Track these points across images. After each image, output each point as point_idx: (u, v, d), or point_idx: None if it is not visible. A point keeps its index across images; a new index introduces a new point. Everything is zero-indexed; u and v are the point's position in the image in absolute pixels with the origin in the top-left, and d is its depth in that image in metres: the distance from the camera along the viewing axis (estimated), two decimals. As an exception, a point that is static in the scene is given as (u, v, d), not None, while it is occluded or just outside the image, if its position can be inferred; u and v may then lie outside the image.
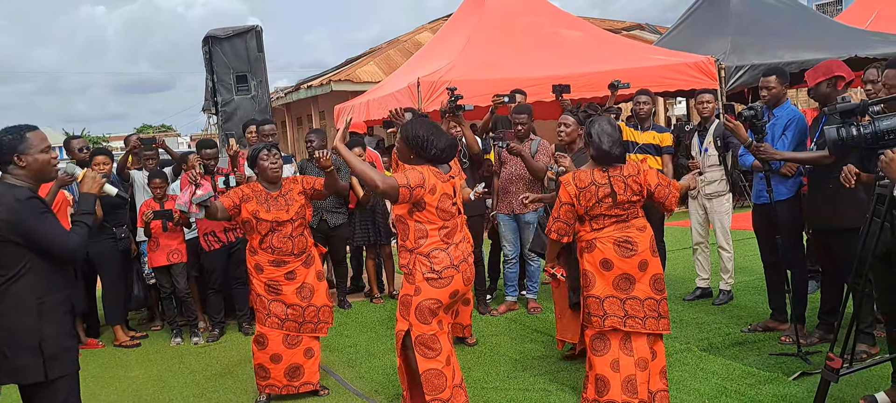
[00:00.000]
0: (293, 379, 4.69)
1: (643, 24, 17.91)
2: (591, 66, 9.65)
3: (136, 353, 6.19)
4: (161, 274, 6.32)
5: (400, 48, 18.01)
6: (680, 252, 8.18)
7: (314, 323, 4.67)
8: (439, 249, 3.79)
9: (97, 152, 6.34)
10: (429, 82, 9.73)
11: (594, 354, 4.02)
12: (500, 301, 6.69)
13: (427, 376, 3.84)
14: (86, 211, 3.21)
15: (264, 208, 4.52)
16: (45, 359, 3.01)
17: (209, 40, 7.45)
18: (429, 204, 3.74)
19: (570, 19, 11.64)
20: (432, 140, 3.80)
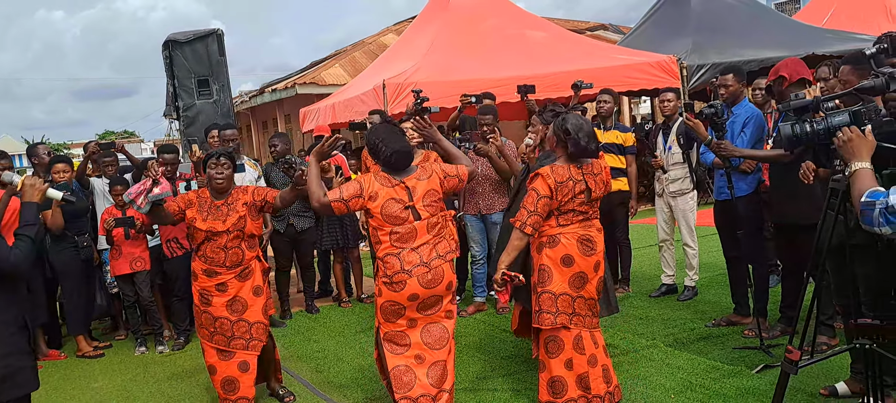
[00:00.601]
0: (229, 393, 4.49)
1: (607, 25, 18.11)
2: (556, 67, 9.74)
3: (100, 363, 6.08)
4: (124, 282, 6.21)
5: (365, 50, 17.97)
6: (646, 249, 8.29)
7: (245, 340, 4.47)
8: (391, 254, 3.83)
9: (56, 160, 6.22)
10: (394, 84, 9.73)
11: (548, 356, 4.00)
12: (468, 302, 6.70)
13: (395, 372, 3.87)
14: (28, 223, 3.00)
15: (202, 216, 4.42)
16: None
17: (169, 44, 7.33)
18: (372, 210, 3.82)
19: (535, 20, 11.74)
20: (380, 147, 3.89)
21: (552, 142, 4.08)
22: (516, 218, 3.90)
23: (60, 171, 6.02)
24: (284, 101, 17.45)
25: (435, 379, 3.94)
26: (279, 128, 18.37)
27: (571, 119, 3.98)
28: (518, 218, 3.88)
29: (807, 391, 4.06)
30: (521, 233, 3.89)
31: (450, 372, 4.01)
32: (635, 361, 4.83)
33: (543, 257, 3.97)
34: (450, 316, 4.01)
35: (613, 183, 6.25)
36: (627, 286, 6.57)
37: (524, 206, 3.89)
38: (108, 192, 6.30)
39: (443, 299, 3.95)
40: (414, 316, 3.90)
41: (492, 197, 6.19)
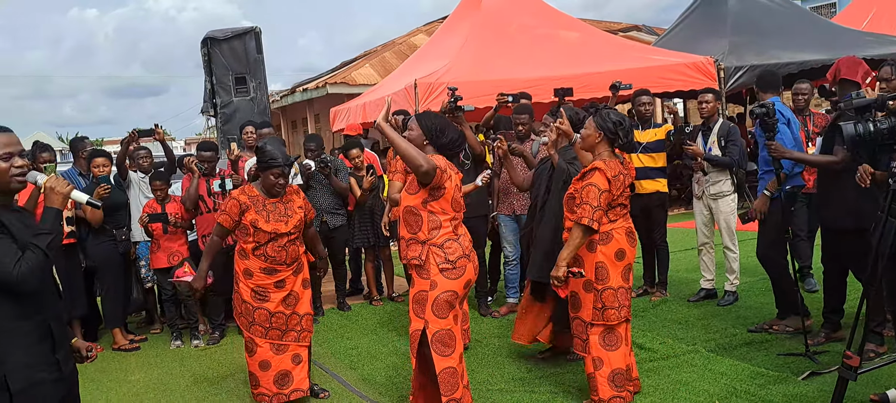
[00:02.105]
0: (283, 387, 4.55)
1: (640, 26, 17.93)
2: (590, 67, 9.65)
3: (136, 357, 6.11)
4: (162, 276, 6.26)
5: (395, 50, 17.99)
6: (682, 253, 8.16)
7: (297, 332, 4.57)
8: (451, 239, 3.77)
9: (96, 154, 6.27)
10: (426, 84, 9.71)
11: (608, 350, 4.01)
12: (500, 302, 6.64)
13: (443, 375, 3.78)
14: (43, 231, 2.70)
15: (263, 217, 4.42)
16: (12, 395, 2.61)
17: (208, 42, 7.38)
18: (447, 191, 3.74)
19: (568, 20, 11.64)
20: (445, 130, 3.85)
21: (595, 137, 4.02)
22: (579, 214, 3.83)
23: (100, 165, 6.07)
24: (315, 101, 17.53)
25: (466, 380, 3.94)
26: (309, 127, 18.46)
27: (612, 113, 4.07)
28: (582, 215, 3.82)
29: (856, 398, 3.93)
30: (585, 229, 3.84)
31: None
32: (677, 366, 4.73)
33: (598, 254, 3.96)
34: (462, 303, 4.06)
35: (652, 184, 6.26)
36: (665, 290, 6.46)
37: (587, 202, 3.82)
38: (146, 186, 6.34)
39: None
40: (457, 310, 3.85)
41: (526, 197, 6.12)
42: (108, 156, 6.26)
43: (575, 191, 4.02)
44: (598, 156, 4.02)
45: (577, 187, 4.01)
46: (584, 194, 3.85)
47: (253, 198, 4.48)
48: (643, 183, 6.18)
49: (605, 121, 4.01)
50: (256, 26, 7.58)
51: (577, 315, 4.10)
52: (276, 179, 4.46)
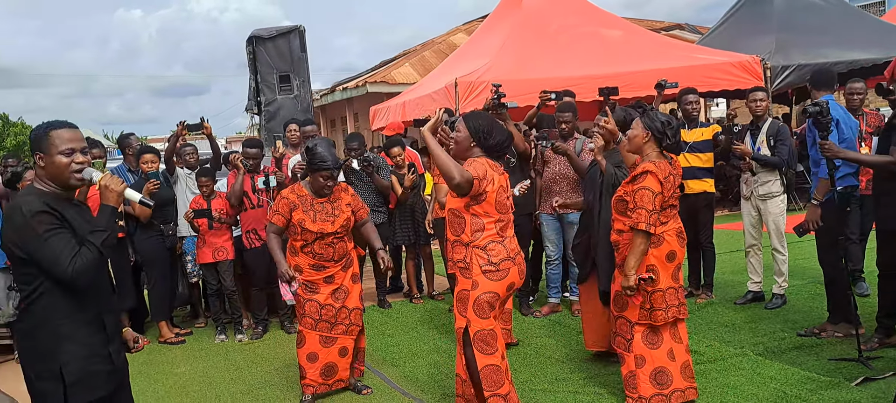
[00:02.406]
0: (328, 378, 4.69)
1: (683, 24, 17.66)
2: (633, 66, 9.53)
3: (181, 350, 6.21)
4: (208, 270, 6.36)
5: (435, 50, 18.01)
6: (728, 255, 8.00)
7: (346, 325, 4.66)
8: (495, 242, 3.76)
9: (144, 150, 6.39)
10: (466, 82, 9.69)
11: (650, 348, 3.99)
12: (542, 302, 6.60)
13: (486, 372, 3.78)
14: (99, 228, 2.74)
15: (310, 217, 4.50)
16: (66, 386, 2.69)
17: (253, 40, 7.48)
18: (489, 195, 3.72)
19: (611, 18, 11.52)
20: (493, 131, 3.81)
21: (643, 137, 3.97)
22: (635, 220, 3.80)
23: (148, 161, 6.18)
24: (354, 100, 17.64)
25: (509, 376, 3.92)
26: (348, 126, 18.59)
27: (660, 115, 4.02)
28: (639, 220, 3.79)
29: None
30: (645, 236, 3.81)
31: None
32: (724, 370, 4.65)
33: (650, 257, 3.93)
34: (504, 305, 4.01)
35: (698, 184, 6.16)
36: (711, 292, 6.35)
37: (642, 206, 3.80)
38: (193, 182, 6.43)
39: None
40: (497, 311, 3.84)
41: (569, 196, 6.06)
42: (156, 153, 6.37)
43: (625, 193, 3.97)
44: (645, 157, 3.98)
45: (627, 190, 3.96)
46: (638, 198, 3.81)
47: (301, 197, 4.55)
48: (690, 183, 6.08)
49: (653, 122, 3.97)
50: (301, 25, 7.66)
51: (623, 314, 4.07)
52: (325, 181, 4.52)
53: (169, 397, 5.04)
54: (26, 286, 2.69)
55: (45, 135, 2.73)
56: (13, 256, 2.67)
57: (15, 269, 2.72)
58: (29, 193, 2.72)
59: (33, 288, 2.67)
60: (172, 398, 5.02)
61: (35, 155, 2.75)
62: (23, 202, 2.64)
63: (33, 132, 2.77)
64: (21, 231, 2.61)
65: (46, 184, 2.75)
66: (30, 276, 2.67)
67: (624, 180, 4.12)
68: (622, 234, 4.01)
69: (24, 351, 2.75)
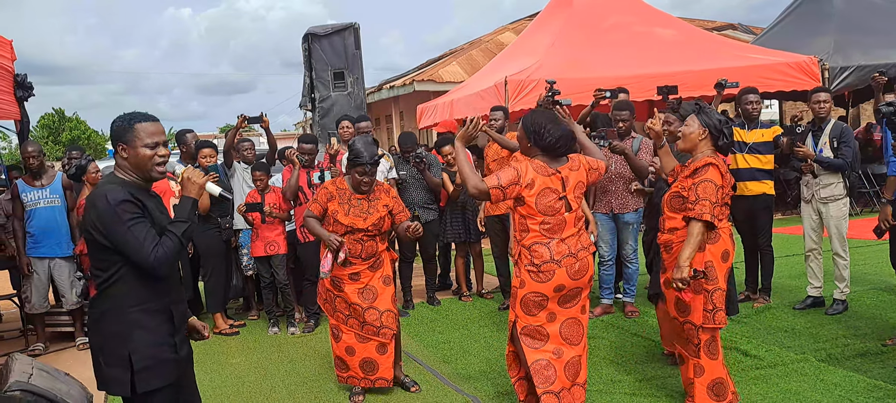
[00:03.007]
0: (369, 373, 4.68)
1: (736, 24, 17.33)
2: (687, 65, 9.39)
3: (236, 341, 6.31)
4: (261, 263, 6.46)
5: (482, 48, 18.00)
6: (785, 258, 7.82)
7: (376, 327, 4.61)
8: (539, 243, 3.73)
9: (202, 145, 6.51)
10: (517, 81, 9.65)
11: (710, 357, 3.88)
12: (595, 303, 6.53)
13: (535, 367, 3.78)
14: (181, 219, 2.82)
15: (343, 210, 4.54)
16: (134, 372, 2.74)
17: (309, 37, 7.58)
18: (527, 199, 3.70)
19: (663, 17, 11.36)
20: (548, 130, 3.76)
21: (700, 134, 3.89)
22: (698, 211, 3.69)
23: (206, 156, 6.30)
24: (400, 98, 17.74)
25: (571, 374, 3.86)
26: (394, 124, 18.69)
27: (714, 113, 3.94)
28: (703, 211, 3.68)
29: None
30: (704, 227, 3.72)
31: (583, 368, 3.94)
32: (785, 375, 4.54)
33: (707, 254, 3.82)
34: (584, 310, 3.93)
35: (758, 185, 6.03)
36: (768, 296, 6.20)
37: (705, 198, 3.70)
38: (249, 176, 6.53)
39: (582, 292, 3.87)
40: (554, 310, 3.80)
41: (625, 196, 6.01)
42: (213, 147, 6.49)
43: (682, 188, 3.87)
44: (699, 154, 3.89)
45: (684, 185, 3.86)
46: (700, 190, 3.72)
47: (340, 190, 4.60)
48: (749, 184, 5.96)
49: (710, 119, 3.89)
50: (355, 22, 7.73)
51: (688, 319, 3.93)
52: (361, 177, 4.55)
53: (225, 386, 5.13)
54: (102, 272, 2.74)
55: (130, 127, 2.78)
56: (93, 242, 2.72)
57: (92, 255, 2.78)
58: (112, 182, 2.77)
59: (110, 275, 2.73)
60: (229, 387, 5.11)
61: (118, 145, 2.80)
62: (108, 190, 2.70)
63: (116, 123, 2.81)
64: (105, 218, 2.66)
65: (128, 173, 2.81)
66: (107, 263, 2.72)
67: (681, 175, 4.00)
68: (675, 233, 3.89)
69: (95, 337, 2.80)
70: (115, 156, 2.82)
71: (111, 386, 2.77)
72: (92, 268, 2.80)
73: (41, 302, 6.37)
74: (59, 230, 6.35)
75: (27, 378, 3.22)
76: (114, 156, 2.84)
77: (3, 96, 6.63)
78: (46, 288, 6.41)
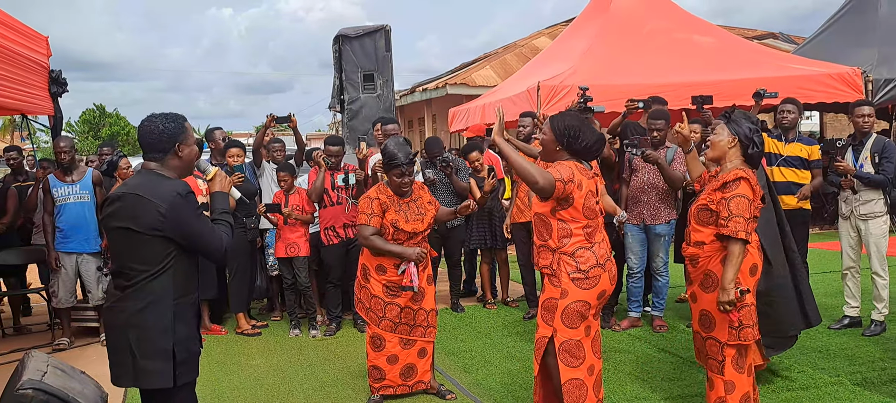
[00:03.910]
0: (407, 379, 4.67)
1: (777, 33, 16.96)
2: (726, 74, 9.17)
3: (257, 342, 6.29)
4: (283, 264, 6.44)
5: (516, 53, 17.87)
6: (822, 276, 7.58)
7: (424, 327, 4.64)
8: (584, 248, 3.60)
9: (230, 145, 6.51)
10: (549, 86, 9.52)
11: (740, 372, 3.74)
12: (622, 316, 6.39)
13: (569, 386, 3.62)
14: (225, 210, 3.05)
15: (403, 217, 4.48)
16: (176, 364, 2.83)
17: (340, 39, 7.58)
18: (576, 200, 3.57)
19: (703, 25, 11.13)
20: (585, 132, 3.63)
21: (729, 143, 3.75)
22: (733, 229, 3.54)
23: (234, 155, 6.30)
24: (433, 101, 17.70)
25: (596, 390, 3.75)
26: (426, 127, 18.65)
27: (746, 121, 3.78)
28: (737, 229, 3.53)
29: None
30: (742, 245, 3.56)
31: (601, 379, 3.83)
32: (818, 398, 4.35)
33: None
34: (597, 317, 3.80)
35: (794, 200, 5.83)
36: (802, 314, 5.99)
37: (739, 215, 3.55)
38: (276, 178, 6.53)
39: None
40: (590, 322, 3.67)
41: (658, 206, 5.85)
42: (241, 147, 6.49)
43: (711, 202, 3.71)
44: (728, 164, 3.75)
45: (712, 197, 3.71)
46: (733, 206, 3.57)
47: (390, 198, 4.53)
48: (785, 198, 5.75)
49: (740, 127, 3.72)
50: (387, 25, 7.70)
51: (711, 335, 3.80)
52: (400, 179, 4.47)
53: (243, 388, 5.09)
54: (147, 266, 2.78)
55: (183, 127, 2.94)
56: (141, 236, 2.76)
57: (132, 251, 2.78)
58: (164, 178, 2.86)
59: (157, 269, 2.78)
60: (246, 389, 5.07)
61: (174, 145, 2.90)
62: (173, 184, 2.82)
63: (168, 123, 2.89)
64: (180, 209, 2.76)
65: (172, 171, 2.92)
66: (156, 256, 2.78)
67: (709, 186, 3.85)
68: (702, 247, 3.74)
69: (133, 330, 2.79)
70: (170, 156, 2.90)
71: (152, 379, 2.81)
72: (123, 264, 2.82)
73: (68, 297, 6.42)
74: (87, 226, 6.40)
75: (40, 376, 3.20)
76: (169, 158, 2.91)
77: (37, 92, 6.71)
78: (73, 283, 6.47)
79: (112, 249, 2.92)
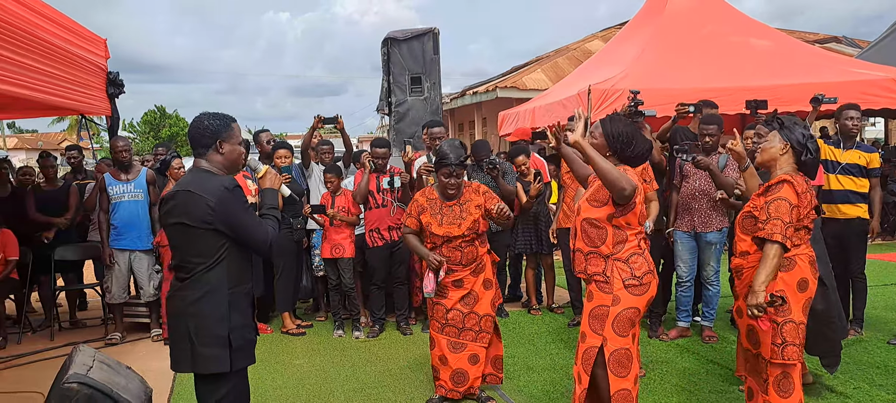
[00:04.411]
0: (458, 385, 4.61)
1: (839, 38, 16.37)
2: (784, 78, 8.86)
3: (301, 341, 6.35)
4: (328, 265, 6.49)
5: (569, 56, 17.68)
6: (881, 288, 7.28)
7: (475, 332, 4.56)
8: (637, 254, 3.55)
9: (278, 146, 6.59)
10: (601, 90, 9.36)
11: (782, 395, 3.54)
12: (670, 325, 6.23)
13: (618, 397, 3.55)
14: (273, 206, 3.20)
15: (437, 221, 4.45)
16: (232, 350, 2.99)
17: (388, 42, 7.59)
18: (636, 206, 3.52)
19: (760, 28, 10.79)
20: (638, 139, 3.57)
21: (780, 150, 3.59)
22: (769, 231, 3.37)
23: (282, 156, 6.36)
24: (483, 104, 17.64)
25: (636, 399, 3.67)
26: (476, 130, 18.62)
27: (799, 128, 3.61)
28: (774, 231, 3.35)
29: None
30: (780, 249, 3.37)
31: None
32: (875, 417, 4.17)
33: (779, 282, 3.47)
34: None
35: (852, 209, 5.61)
36: (860, 328, 5.76)
37: (777, 217, 3.36)
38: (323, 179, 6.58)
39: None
40: (636, 329, 3.61)
41: (709, 213, 5.69)
42: (289, 148, 6.56)
43: (754, 208, 3.55)
44: (779, 170, 3.59)
45: (756, 204, 3.55)
46: (773, 209, 3.38)
47: (431, 200, 4.51)
48: (842, 207, 5.54)
49: (792, 133, 3.56)
50: (435, 28, 7.68)
51: (759, 351, 3.66)
52: (446, 179, 4.43)
53: (286, 387, 5.13)
54: (203, 258, 2.94)
55: (227, 125, 3.08)
56: (195, 229, 2.92)
57: (188, 243, 2.95)
58: (211, 173, 3.01)
59: (212, 260, 2.94)
60: (289, 389, 5.11)
61: (215, 141, 3.04)
62: (221, 180, 2.96)
63: (212, 121, 3.06)
64: (227, 202, 2.90)
65: (218, 169, 3.06)
66: (210, 248, 2.94)
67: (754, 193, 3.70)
68: (747, 257, 3.58)
69: (191, 319, 2.96)
70: (212, 152, 3.04)
71: (210, 364, 2.97)
72: (182, 257, 2.98)
73: (121, 293, 6.59)
74: (141, 223, 6.56)
75: (86, 371, 3.28)
76: (211, 153, 3.05)
77: (95, 92, 6.91)
78: (127, 280, 6.63)
79: (171, 244, 3.09)
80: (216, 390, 3.02)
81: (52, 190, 7.31)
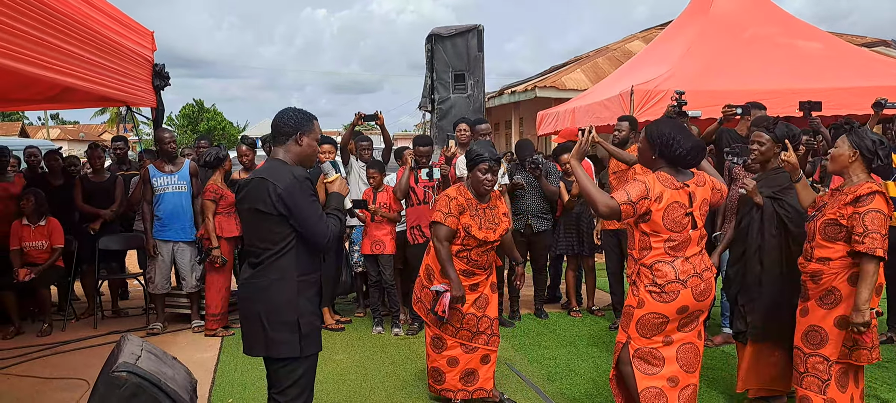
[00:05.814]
0: (468, 384, 4.57)
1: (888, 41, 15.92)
2: (834, 82, 8.64)
3: (341, 337, 6.34)
4: (369, 262, 6.47)
5: (609, 56, 17.48)
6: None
7: (487, 335, 4.52)
8: (662, 262, 3.47)
9: (322, 141, 6.59)
10: (643, 91, 9.22)
11: (841, 391, 3.60)
12: (714, 331, 6.10)
13: (646, 395, 3.52)
14: (339, 208, 3.30)
15: (476, 223, 4.34)
16: (301, 336, 3.08)
17: (433, 38, 7.57)
18: (654, 214, 3.42)
19: (808, 29, 10.55)
20: (679, 140, 3.47)
21: (850, 157, 3.56)
22: (869, 246, 3.35)
23: (325, 152, 6.37)
24: (521, 104, 17.51)
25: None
26: (513, 130, 18.52)
27: (866, 134, 3.60)
28: (874, 246, 3.34)
29: None
30: (878, 263, 3.36)
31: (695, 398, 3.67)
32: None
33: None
34: (700, 336, 3.67)
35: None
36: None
37: (875, 231, 3.36)
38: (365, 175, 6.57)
39: (701, 315, 3.63)
40: (672, 334, 3.54)
41: (757, 218, 5.54)
42: (333, 143, 6.57)
43: (842, 217, 3.49)
44: (853, 177, 3.55)
45: (843, 213, 3.49)
46: (868, 221, 3.36)
47: (468, 201, 4.38)
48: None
49: (862, 140, 3.56)
50: (479, 25, 7.63)
51: (819, 352, 3.61)
52: (483, 175, 4.33)
53: (327, 382, 5.13)
54: (272, 245, 3.05)
55: (310, 120, 3.21)
56: (265, 216, 3.02)
57: (261, 230, 3.06)
58: (285, 163, 3.12)
59: (281, 248, 3.05)
60: (330, 384, 5.10)
61: (296, 133, 3.15)
62: (292, 169, 3.07)
63: (295, 113, 3.18)
64: (293, 190, 2.99)
65: (292, 157, 3.16)
66: (279, 235, 3.04)
67: (838, 202, 3.61)
68: (828, 263, 3.55)
69: (261, 305, 3.07)
70: (291, 142, 3.15)
71: (280, 348, 3.07)
72: (253, 243, 3.12)
73: (163, 284, 6.65)
74: (184, 215, 6.62)
75: (134, 360, 3.28)
76: (290, 143, 3.15)
77: (141, 84, 6.97)
78: (169, 270, 6.70)
79: (244, 229, 3.28)
80: (291, 373, 3.12)
81: (100, 181, 7.41)
